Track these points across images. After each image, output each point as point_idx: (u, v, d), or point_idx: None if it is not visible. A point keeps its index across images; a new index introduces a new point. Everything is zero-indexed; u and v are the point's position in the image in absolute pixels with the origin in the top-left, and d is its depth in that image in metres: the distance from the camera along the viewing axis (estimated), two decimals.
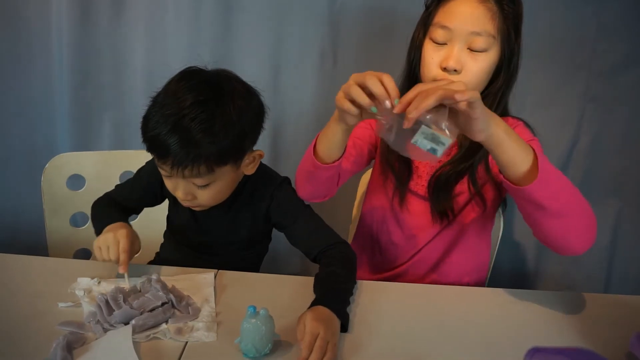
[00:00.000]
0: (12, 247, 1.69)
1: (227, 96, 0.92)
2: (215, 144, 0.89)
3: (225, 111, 0.90)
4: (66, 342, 0.76)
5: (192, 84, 0.91)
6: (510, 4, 0.98)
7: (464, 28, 0.96)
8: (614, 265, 1.60)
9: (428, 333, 0.87)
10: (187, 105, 0.88)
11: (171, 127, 0.88)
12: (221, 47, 1.53)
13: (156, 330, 0.82)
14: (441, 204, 1.06)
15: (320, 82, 1.55)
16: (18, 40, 1.57)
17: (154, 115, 0.90)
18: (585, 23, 1.43)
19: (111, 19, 1.53)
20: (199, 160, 0.89)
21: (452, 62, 0.96)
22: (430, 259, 1.13)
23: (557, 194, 0.83)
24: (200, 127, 0.88)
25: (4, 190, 1.69)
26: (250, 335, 0.76)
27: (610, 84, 1.47)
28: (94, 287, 0.93)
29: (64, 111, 1.61)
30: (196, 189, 0.95)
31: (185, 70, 0.95)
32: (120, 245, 0.93)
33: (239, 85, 0.95)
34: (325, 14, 1.49)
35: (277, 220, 1.07)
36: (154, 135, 0.89)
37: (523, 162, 0.82)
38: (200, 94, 0.90)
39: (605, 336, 0.87)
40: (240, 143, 0.94)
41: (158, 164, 0.94)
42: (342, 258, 0.98)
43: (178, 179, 0.94)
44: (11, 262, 1.04)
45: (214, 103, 0.90)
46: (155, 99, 0.93)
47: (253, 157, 1.00)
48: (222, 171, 0.94)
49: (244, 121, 0.93)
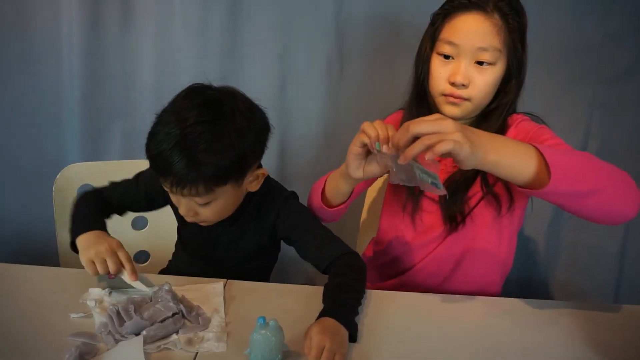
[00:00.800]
0: (24, 257, 1.70)
1: (229, 116, 0.92)
2: (214, 165, 0.89)
3: (225, 132, 0.90)
4: (78, 353, 0.77)
5: (195, 103, 0.92)
6: (516, 17, 0.99)
7: (471, 44, 0.97)
8: (624, 273, 1.59)
9: (437, 343, 0.86)
10: (189, 125, 0.89)
11: (172, 146, 0.88)
12: (228, 57, 1.55)
13: (167, 341, 0.83)
14: (452, 209, 1.06)
15: (327, 92, 1.56)
16: (28, 50, 1.59)
17: (158, 133, 0.91)
18: (591, 30, 1.43)
19: (120, 29, 1.55)
20: (197, 181, 0.90)
21: (460, 77, 0.98)
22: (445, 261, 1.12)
23: (581, 177, 0.82)
24: (200, 147, 0.88)
25: (15, 200, 1.71)
26: (260, 346, 0.77)
27: (617, 90, 1.47)
28: (105, 298, 0.94)
29: (73, 121, 1.62)
30: (197, 207, 0.96)
31: (190, 87, 0.96)
32: (120, 255, 0.94)
33: (242, 105, 0.95)
34: (331, 24, 1.50)
35: (285, 235, 1.07)
36: (157, 154, 0.90)
37: (526, 169, 0.81)
38: (202, 114, 0.90)
39: (617, 347, 0.86)
40: (240, 163, 0.94)
41: (160, 180, 0.95)
42: (351, 268, 0.98)
43: (179, 196, 0.95)
44: (22, 272, 1.05)
45: (214, 123, 0.90)
46: (161, 116, 0.94)
47: (256, 175, 1.00)
48: (222, 190, 0.94)
49: (245, 141, 0.93)
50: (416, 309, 0.96)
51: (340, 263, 0.98)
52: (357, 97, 1.56)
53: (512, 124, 1.06)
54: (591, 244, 1.58)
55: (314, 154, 1.60)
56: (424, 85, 1.07)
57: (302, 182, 1.60)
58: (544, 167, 0.81)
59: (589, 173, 0.84)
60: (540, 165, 0.81)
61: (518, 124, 1.06)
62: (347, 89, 1.56)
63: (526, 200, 1.10)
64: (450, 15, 1.01)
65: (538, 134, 1.01)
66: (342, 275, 0.95)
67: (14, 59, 1.59)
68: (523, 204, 1.10)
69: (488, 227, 1.08)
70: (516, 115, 1.07)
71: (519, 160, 0.82)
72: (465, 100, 1.01)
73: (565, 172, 0.81)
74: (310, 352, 0.77)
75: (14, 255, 1.73)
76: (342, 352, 0.78)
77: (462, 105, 1.02)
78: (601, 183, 0.84)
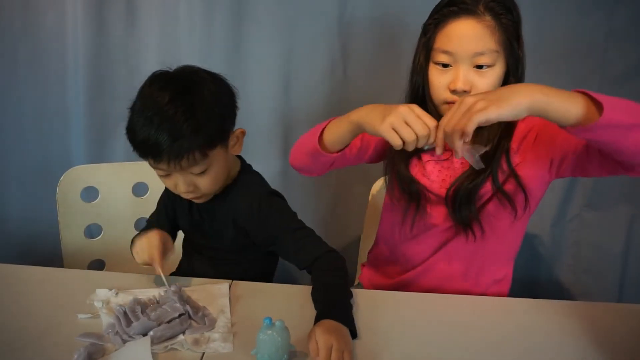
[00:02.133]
0: (28, 258, 1.71)
1: (198, 85, 0.96)
2: (201, 130, 0.93)
3: (201, 99, 0.95)
4: (87, 353, 0.77)
5: (163, 84, 0.95)
6: (508, 15, 0.98)
7: (467, 50, 0.97)
8: (627, 272, 1.59)
9: (439, 343, 0.87)
10: (165, 103, 0.92)
11: (157, 127, 0.91)
12: (233, 58, 1.55)
13: (174, 342, 0.84)
14: (463, 215, 1.05)
15: (330, 92, 1.57)
16: (34, 53, 1.60)
17: (137, 122, 0.94)
18: (596, 29, 1.43)
19: (125, 31, 1.55)
20: (191, 149, 0.93)
21: (460, 83, 0.98)
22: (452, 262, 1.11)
23: (630, 109, 0.82)
24: (183, 118, 0.92)
25: (19, 201, 1.72)
26: (266, 346, 0.77)
27: (621, 89, 1.47)
28: (112, 299, 0.94)
29: (78, 123, 1.63)
30: (195, 178, 0.98)
31: (152, 75, 0.99)
32: (152, 243, 0.99)
33: (205, 74, 1.00)
34: (335, 26, 1.50)
35: (260, 240, 1.07)
36: (144, 140, 0.93)
37: (575, 104, 0.80)
38: (174, 90, 0.94)
39: (621, 346, 0.86)
40: (222, 124, 0.99)
41: (153, 165, 0.97)
42: (330, 268, 0.99)
43: (176, 175, 0.97)
44: (29, 273, 1.05)
45: (188, 94, 0.94)
46: (133, 108, 0.97)
47: (236, 136, 1.03)
48: (214, 154, 0.97)
49: (221, 104, 0.98)
50: (418, 309, 0.97)
51: (319, 264, 0.99)
52: (360, 98, 1.54)
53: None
54: (595, 244, 1.59)
55: None
56: (420, 95, 1.06)
57: (305, 181, 1.61)
58: (591, 103, 0.81)
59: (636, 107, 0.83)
60: (587, 101, 0.81)
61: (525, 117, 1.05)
62: (350, 90, 1.56)
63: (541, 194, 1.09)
64: (441, 23, 0.99)
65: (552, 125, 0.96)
66: (323, 277, 0.97)
67: (19, 62, 1.60)
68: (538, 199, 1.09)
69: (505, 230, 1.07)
70: None
71: (565, 96, 0.81)
72: None
73: (614, 105, 0.80)
74: (319, 352, 0.77)
75: (18, 256, 1.74)
76: (349, 349, 0.79)
77: None
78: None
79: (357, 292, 0.98)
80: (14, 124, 1.66)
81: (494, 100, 0.81)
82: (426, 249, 1.13)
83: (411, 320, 0.93)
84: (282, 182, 1.60)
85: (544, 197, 1.10)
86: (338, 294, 0.93)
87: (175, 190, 1.01)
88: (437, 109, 1.06)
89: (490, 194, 1.04)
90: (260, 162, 1.59)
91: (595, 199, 1.56)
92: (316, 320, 0.85)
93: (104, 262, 1.39)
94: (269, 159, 1.62)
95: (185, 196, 1.02)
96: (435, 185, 1.09)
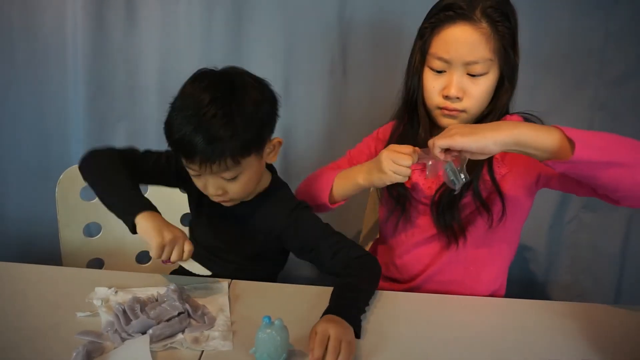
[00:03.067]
0: (27, 257, 1.71)
1: (241, 90, 0.95)
2: (238, 137, 0.92)
3: (242, 104, 0.94)
4: (86, 351, 0.77)
5: (206, 84, 0.95)
6: (506, 22, 0.97)
7: (461, 58, 0.98)
8: (625, 273, 1.60)
9: (438, 343, 0.87)
10: (205, 104, 0.91)
11: (194, 127, 0.91)
12: (232, 58, 1.55)
13: (173, 340, 0.84)
14: (447, 222, 1.06)
15: (330, 93, 1.57)
16: (34, 52, 1.59)
17: (175, 119, 0.94)
18: (593, 31, 1.44)
19: (125, 31, 1.55)
20: (224, 154, 0.92)
21: (453, 90, 0.99)
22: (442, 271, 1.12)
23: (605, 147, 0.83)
24: (221, 122, 0.91)
25: (19, 200, 1.71)
26: (265, 345, 0.77)
27: (619, 91, 1.47)
28: (111, 297, 0.94)
29: (78, 122, 1.63)
30: (225, 183, 0.98)
31: (196, 73, 0.99)
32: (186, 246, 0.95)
33: (250, 79, 0.99)
34: (334, 25, 1.51)
35: (296, 246, 1.07)
36: (179, 138, 0.92)
37: (549, 140, 0.83)
38: (217, 91, 0.93)
39: (618, 347, 0.87)
40: (260, 132, 0.97)
41: (186, 164, 0.97)
42: (362, 269, 0.99)
43: (207, 176, 0.97)
44: (28, 272, 1.05)
45: (230, 98, 0.93)
46: (173, 104, 0.97)
47: (273, 145, 1.03)
48: (248, 162, 0.96)
49: (261, 111, 0.97)
50: (419, 310, 0.97)
51: (354, 264, 0.99)
52: (360, 98, 1.57)
53: None
54: (592, 245, 1.59)
55: (317, 155, 1.61)
56: (414, 98, 1.07)
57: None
58: (566, 141, 0.82)
59: (615, 144, 0.84)
60: (563, 138, 0.82)
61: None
62: (350, 90, 1.56)
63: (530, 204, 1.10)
64: (437, 28, 1.00)
65: None
66: (351, 276, 0.96)
67: (19, 61, 1.60)
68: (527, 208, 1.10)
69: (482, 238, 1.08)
70: (509, 116, 1.06)
71: (540, 132, 0.84)
72: (461, 112, 1.02)
73: (589, 142, 0.81)
74: (315, 337, 0.78)
75: (17, 255, 1.74)
76: (347, 340, 0.79)
77: (458, 117, 1.03)
78: (631, 157, 0.83)
79: None
80: (13, 122, 1.66)
81: (466, 132, 0.86)
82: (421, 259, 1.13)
83: (411, 320, 0.93)
84: None
85: (541, 199, 1.10)
86: (353, 294, 0.93)
87: (204, 191, 1.01)
88: (429, 113, 1.07)
89: (470, 202, 1.05)
90: None
91: (593, 200, 1.55)
92: (323, 315, 0.86)
93: (103, 261, 1.39)
94: None
95: (213, 198, 1.02)
96: (420, 193, 1.10)
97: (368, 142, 1.23)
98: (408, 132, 1.11)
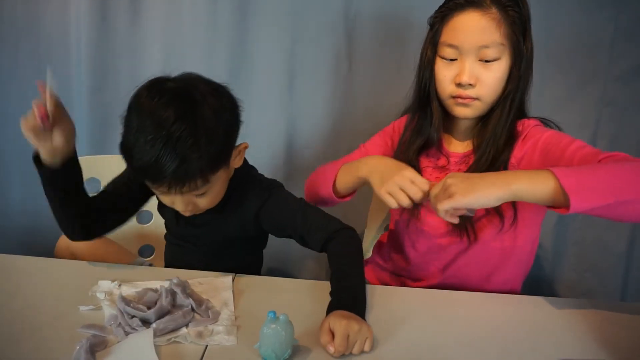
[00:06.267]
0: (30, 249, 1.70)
1: (201, 103, 0.89)
2: (206, 155, 0.88)
3: (204, 119, 0.88)
4: (89, 344, 0.77)
5: (165, 101, 0.87)
6: (516, 7, 0.97)
7: (472, 43, 0.96)
8: (631, 270, 1.59)
9: (442, 339, 0.86)
10: (170, 125, 0.85)
11: (161, 151, 0.85)
12: (236, 53, 1.54)
13: (177, 334, 0.83)
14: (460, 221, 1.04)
15: (334, 88, 1.56)
16: (37, 46, 1.59)
17: (137, 142, 0.87)
18: (601, 27, 1.42)
19: (128, 24, 1.55)
20: (194, 176, 0.89)
21: (466, 77, 0.97)
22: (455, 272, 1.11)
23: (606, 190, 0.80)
24: (187, 143, 0.86)
25: (21, 193, 1.71)
26: (270, 340, 0.77)
27: (627, 88, 1.46)
28: (115, 290, 0.94)
29: (81, 115, 1.62)
30: (195, 199, 0.96)
31: (149, 86, 0.91)
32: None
33: (207, 87, 0.93)
34: (339, 21, 1.50)
35: (273, 225, 1.07)
36: (144, 164, 0.87)
37: (546, 191, 0.82)
38: (177, 110, 0.86)
39: (624, 345, 0.86)
40: (226, 145, 0.95)
41: (152, 187, 0.93)
42: (346, 249, 0.98)
43: (176, 196, 0.93)
44: (31, 264, 1.05)
45: (191, 115, 0.87)
46: (129, 123, 0.89)
47: (239, 150, 1.00)
48: (217, 176, 0.94)
49: (224, 122, 0.92)
50: (423, 305, 0.96)
51: (334, 245, 0.99)
52: (365, 94, 1.56)
53: (523, 131, 1.03)
54: (598, 242, 1.58)
55: (321, 150, 1.60)
56: (427, 89, 1.06)
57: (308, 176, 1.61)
58: (562, 190, 0.80)
59: (619, 182, 0.81)
60: (558, 187, 0.81)
61: (529, 131, 1.03)
62: (355, 86, 1.56)
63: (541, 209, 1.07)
64: (447, 17, 0.99)
65: (557, 139, 0.98)
66: (339, 261, 0.96)
67: (22, 54, 1.60)
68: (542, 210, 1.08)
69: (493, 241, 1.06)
70: (528, 121, 1.04)
71: (536, 184, 0.83)
72: (475, 100, 1.00)
73: (585, 190, 0.80)
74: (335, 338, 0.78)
75: (19, 247, 1.74)
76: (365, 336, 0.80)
77: (472, 105, 1.01)
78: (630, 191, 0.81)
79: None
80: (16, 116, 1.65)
81: (463, 189, 0.84)
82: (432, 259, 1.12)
83: (415, 315, 0.93)
84: (285, 176, 1.60)
85: None
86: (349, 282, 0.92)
87: (171, 206, 0.98)
88: (442, 105, 1.05)
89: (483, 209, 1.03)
90: (263, 155, 1.59)
91: None
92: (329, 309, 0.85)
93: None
94: (271, 152, 1.61)
95: (184, 213, 0.99)
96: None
97: (384, 137, 1.20)
98: (422, 126, 1.09)
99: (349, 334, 0.78)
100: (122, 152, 0.90)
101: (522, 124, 1.04)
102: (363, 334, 0.80)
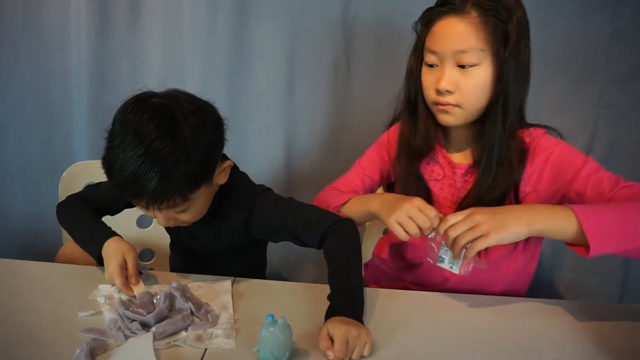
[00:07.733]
0: (30, 253, 1.71)
1: (183, 122, 0.89)
2: (185, 174, 0.88)
3: (185, 138, 0.88)
4: (89, 348, 0.77)
5: (146, 118, 0.87)
6: (498, 14, 0.94)
7: (449, 49, 0.95)
8: (630, 272, 1.59)
9: (444, 341, 0.87)
10: (150, 142, 0.85)
11: (140, 168, 0.85)
12: (236, 56, 1.55)
13: (176, 338, 0.84)
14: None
15: (333, 91, 1.56)
16: (37, 49, 1.60)
17: (117, 158, 0.87)
18: (599, 29, 1.43)
19: (129, 26, 1.55)
20: (173, 195, 0.89)
21: (444, 83, 0.96)
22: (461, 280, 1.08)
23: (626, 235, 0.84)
24: (168, 161, 0.86)
25: (22, 197, 1.72)
26: (268, 343, 0.77)
27: (625, 89, 1.46)
28: (115, 294, 0.94)
29: (81, 118, 1.63)
30: (176, 214, 0.96)
31: (133, 101, 0.91)
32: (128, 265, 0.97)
33: (190, 105, 0.92)
34: (339, 24, 1.50)
35: (266, 235, 1.07)
36: (123, 181, 0.87)
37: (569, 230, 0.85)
38: (158, 127, 0.86)
39: (623, 346, 0.86)
40: (207, 163, 0.94)
41: (133, 202, 0.93)
42: (342, 247, 0.98)
43: (155, 211, 0.93)
44: (31, 268, 1.06)
45: (172, 133, 0.87)
46: (112, 138, 0.90)
47: (223, 168, 0.99)
48: (197, 194, 0.93)
49: (205, 141, 0.91)
50: (422, 308, 0.97)
51: (330, 242, 0.99)
52: (364, 97, 1.56)
53: (531, 142, 1.02)
54: None
55: (320, 153, 1.60)
56: (414, 97, 1.05)
57: (308, 180, 1.61)
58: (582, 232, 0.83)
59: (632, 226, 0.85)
60: (579, 229, 0.84)
61: (538, 142, 1.01)
62: (354, 89, 1.56)
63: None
64: (430, 23, 0.99)
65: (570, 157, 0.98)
66: (336, 259, 0.96)
67: (22, 56, 1.60)
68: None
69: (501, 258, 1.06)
70: (535, 131, 1.03)
71: (559, 223, 0.86)
72: (455, 107, 0.98)
73: (604, 234, 0.83)
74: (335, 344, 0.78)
75: (20, 252, 1.74)
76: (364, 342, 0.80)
77: (453, 113, 0.99)
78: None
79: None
80: (16, 119, 1.66)
81: (496, 226, 0.86)
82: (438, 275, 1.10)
83: (415, 319, 0.93)
84: (284, 178, 1.60)
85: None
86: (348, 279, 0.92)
87: (154, 218, 0.99)
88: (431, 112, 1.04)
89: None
90: (263, 158, 1.60)
91: None
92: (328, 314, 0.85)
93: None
94: (271, 155, 1.61)
95: (165, 226, 1.00)
96: (437, 205, 1.08)
97: (380, 151, 1.18)
98: (413, 135, 1.08)
99: (348, 339, 0.79)
100: (104, 167, 0.91)
101: (530, 134, 1.02)
102: (362, 339, 0.80)
